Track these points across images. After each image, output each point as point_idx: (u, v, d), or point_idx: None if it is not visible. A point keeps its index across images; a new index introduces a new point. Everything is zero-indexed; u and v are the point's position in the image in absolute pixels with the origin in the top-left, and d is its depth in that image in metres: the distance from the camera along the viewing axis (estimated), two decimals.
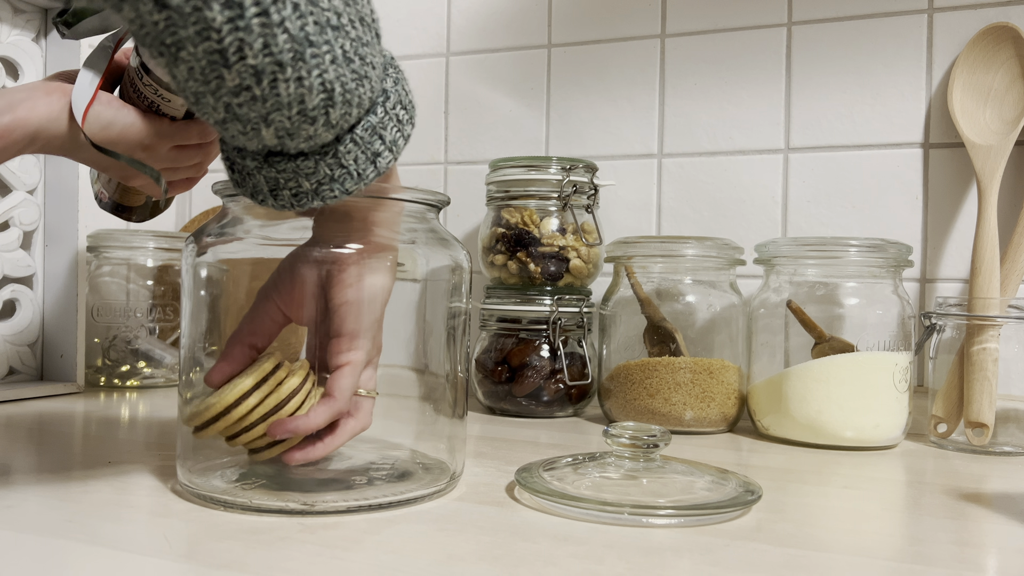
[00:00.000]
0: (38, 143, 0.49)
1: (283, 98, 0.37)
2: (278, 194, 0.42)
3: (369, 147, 0.42)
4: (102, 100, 0.50)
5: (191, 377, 0.49)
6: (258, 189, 0.42)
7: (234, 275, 0.50)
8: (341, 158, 0.41)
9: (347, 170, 0.42)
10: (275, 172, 0.41)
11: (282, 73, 0.36)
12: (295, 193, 0.42)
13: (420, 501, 0.47)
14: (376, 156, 0.42)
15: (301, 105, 0.37)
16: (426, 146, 1.06)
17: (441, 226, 0.53)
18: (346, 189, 0.42)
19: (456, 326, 0.52)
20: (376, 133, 0.42)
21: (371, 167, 0.42)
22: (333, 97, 0.38)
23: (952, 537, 0.44)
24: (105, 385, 0.93)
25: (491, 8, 1.03)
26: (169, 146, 0.52)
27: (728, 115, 0.93)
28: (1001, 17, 0.83)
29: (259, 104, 0.37)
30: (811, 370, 0.70)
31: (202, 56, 0.35)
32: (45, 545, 0.39)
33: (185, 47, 0.35)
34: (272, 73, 0.36)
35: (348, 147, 0.41)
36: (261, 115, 0.37)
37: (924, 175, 0.86)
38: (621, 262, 0.80)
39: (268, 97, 0.37)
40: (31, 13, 0.87)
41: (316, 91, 0.37)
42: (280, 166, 0.41)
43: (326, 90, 0.38)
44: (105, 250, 0.94)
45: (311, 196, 0.42)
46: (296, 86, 0.37)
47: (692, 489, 0.48)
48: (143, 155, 0.52)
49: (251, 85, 0.36)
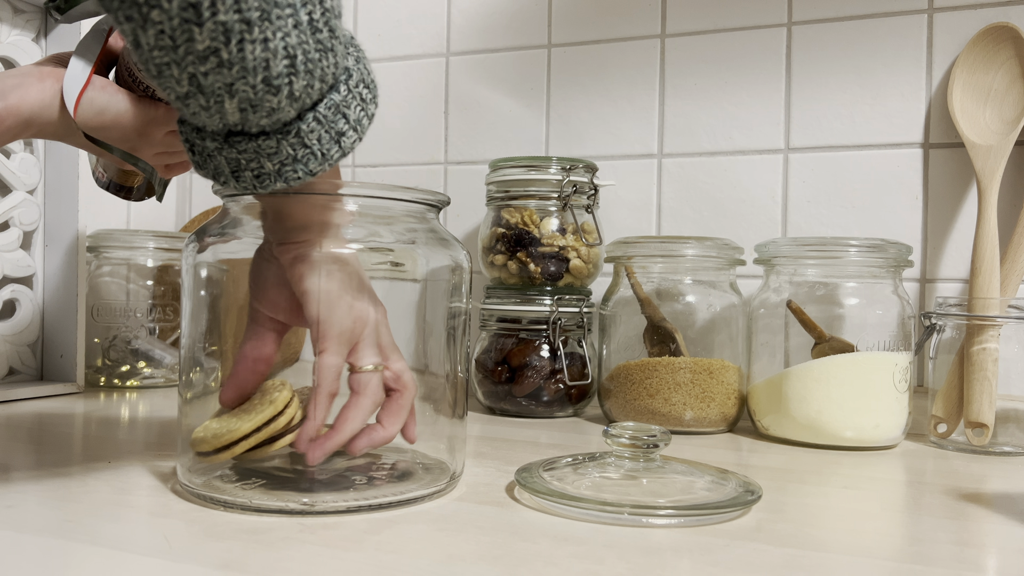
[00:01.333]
0: (32, 129, 0.48)
1: (248, 62, 0.36)
2: (240, 175, 0.41)
3: (333, 126, 0.41)
4: (96, 85, 0.49)
5: (191, 377, 0.49)
6: (219, 171, 0.41)
7: (234, 275, 0.50)
8: (304, 137, 0.40)
9: (310, 150, 0.41)
10: (236, 153, 0.40)
11: (249, 33, 0.35)
12: (257, 175, 0.41)
13: (420, 501, 0.47)
14: (340, 136, 0.41)
15: (266, 72, 0.37)
16: (426, 146, 1.06)
17: (441, 226, 0.53)
18: (310, 170, 0.41)
19: (456, 326, 0.52)
20: (339, 111, 0.41)
21: (335, 147, 0.42)
22: (295, 64, 0.37)
23: (952, 537, 0.44)
24: (105, 385, 0.93)
25: (491, 8, 1.03)
26: (164, 131, 0.51)
27: (728, 115, 0.93)
28: (1001, 17, 0.83)
29: (225, 71, 0.36)
30: (811, 370, 0.70)
31: (176, 12, 0.34)
32: (45, 545, 0.39)
33: (160, 4, 0.34)
34: (240, 32, 0.35)
35: (311, 125, 0.40)
36: (226, 84, 0.37)
37: (924, 175, 0.86)
38: (621, 262, 0.80)
39: (234, 61, 0.36)
40: (31, 13, 0.87)
41: (280, 56, 0.37)
42: (241, 146, 0.40)
43: (289, 55, 0.37)
44: (105, 250, 0.94)
45: (274, 177, 0.41)
46: (262, 48, 0.36)
47: (692, 489, 0.48)
48: (138, 140, 0.51)
49: (219, 47, 0.36)
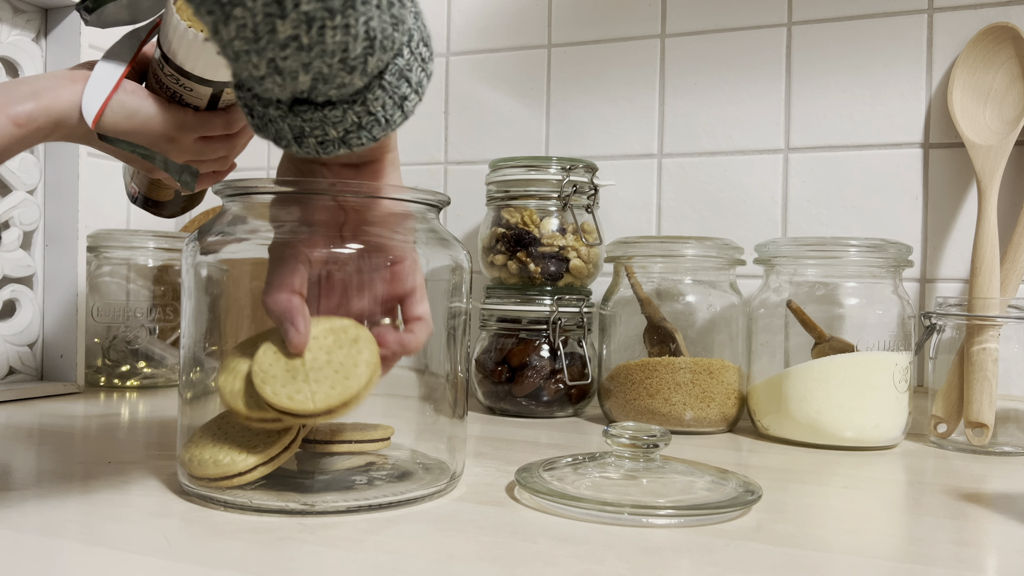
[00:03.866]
0: (61, 131, 0.48)
1: (328, 46, 0.36)
2: (303, 141, 0.41)
3: (397, 91, 0.41)
4: (127, 89, 0.49)
5: (191, 377, 0.49)
6: (281, 135, 0.41)
7: (234, 275, 0.49)
8: (369, 105, 0.40)
9: (375, 117, 0.40)
10: (300, 121, 0.40)
11: (331, 20, 0.35)
12: (321, 141, 0.41)
13: (420, 501, 0.47)
14: (403, 100, 0.41)
15: (344, 53, 0.36)
16: (426, 146, 1.06)
17: (441, 226, 0.53)
18: (373, 136, 0.41)
19: (456, 326, 0.52)
20: (403, 76, 0.41)
21: (398, 112, 0.41)
22: (374, 45, 0.37)
23: (952, 537, 0.44)
24: (105, 385, 0.93)
25: (491, 8, 1.03)
26: (193, 137, 0.52)
27: (728, 115, 0.93)
28: (1001, 17, 0.83)
29: (303, 53, 0.36)
30: (811, 370, 0.70)
31: (260, 9, 0.34)
32: (45, 545, 0.39)
33: (243, 1, 0.34)
34: (322, 19, 0.35)
35: (376, 93, 0.40)
36: (303, 63, 0.36)
37: (924, 175, 0.86)
38: (621, 262, 0.80)
39: (314, 45, 0.35)
40: (31, 13, 0.87)
41: (360, 39, 0.36)
42: (306, 115, 0.40)
43: (369, 38, 0.36)
44: (105, 250, 0.94)
45: (338, 144, 0.41)
46: (343, 33, 0.35)
47: (692, 489, 0.48)
48: (167, 145, 0.51)
49: (300, 35, 0.35)
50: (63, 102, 0.47)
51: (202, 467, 0.45)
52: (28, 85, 0.47)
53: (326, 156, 0.41)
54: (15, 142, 0.46)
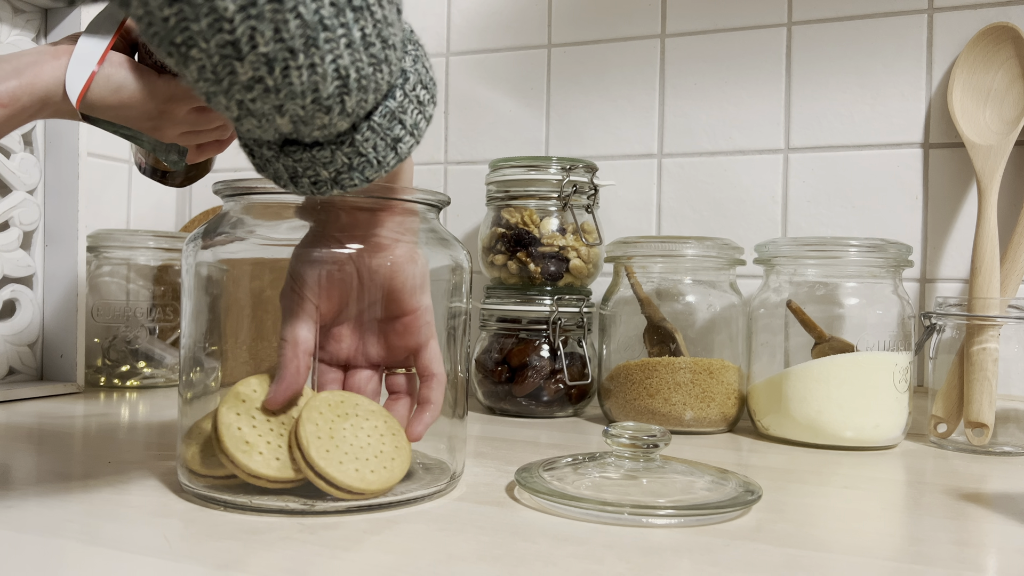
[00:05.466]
0: (48, 109, 0.46)
1: (296, 87, 0.36)
2: (298, 181, 0.41)
3: (388, 133, 0.41)
4: (113, 61, 0.47)
5: (191, 377, 0.49)
6: (279, 175, 0.41)
7: (234, 275, 0.49)
8: (359, 146, 0.40)
9: (366, 158, 0.40)
10: (292, 161, 0.40)
11: (294, 60, 0.35)
12: (314, 181, 0.41)
13: (420, 501, 0.47)
14: (397, 142, 0.41)
15: (315, 93, 0.36)
16: (426, 146, 1.06)
17: (441, 226, 0.53)
18: (366, 177, 0.41)
19: (456, 326, 0.52)
20: (395, 118, 0.41)
21: (391, 153, 0.41)
22: (348, 84, 0.37)
23: (952, 537, 0.44)
24: (105, 385, 0.93)
25: (491, 8, 1.03)
26: (186, 108, 0.50)
27: (728, 115, 0.93)
28: (1001, 17, 0.83)
29: (272, 95, 0.36)
30: (811, 370, 0.70)
31: (215, 51, 0.34)
32: (45, 545, 0.39)
33: (197, 43, 0.34)
34: (284, 60, 0.34)
35: (365, 135, 0.40)
36: (275, 106, 0.36)
37: (924, 175, 0.86)
38: (621, 262, 0.80)
39: (281, 87, 0.35)
40: (31, 13, 0.87)
41: (330, 78, 0.36)
42: (296, 155, 0.40)
43: (340, 76, 0.36)
44: (105, 250, 0.94)
45: (331, 184, 0.41)
46: (309, 73, 0.35)
47: (692, 489, 0.48)
48: (159, 119, 0.49)
49: (263, 76, 0.35)
50: (46, 78, 0.45)
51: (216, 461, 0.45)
52: (9, 63, 0.45)
53: (321, 196, 0.42)
54: (0, 122, 0.44)
